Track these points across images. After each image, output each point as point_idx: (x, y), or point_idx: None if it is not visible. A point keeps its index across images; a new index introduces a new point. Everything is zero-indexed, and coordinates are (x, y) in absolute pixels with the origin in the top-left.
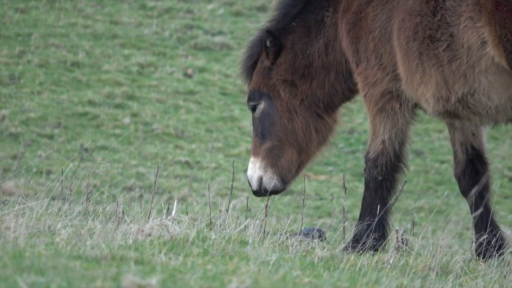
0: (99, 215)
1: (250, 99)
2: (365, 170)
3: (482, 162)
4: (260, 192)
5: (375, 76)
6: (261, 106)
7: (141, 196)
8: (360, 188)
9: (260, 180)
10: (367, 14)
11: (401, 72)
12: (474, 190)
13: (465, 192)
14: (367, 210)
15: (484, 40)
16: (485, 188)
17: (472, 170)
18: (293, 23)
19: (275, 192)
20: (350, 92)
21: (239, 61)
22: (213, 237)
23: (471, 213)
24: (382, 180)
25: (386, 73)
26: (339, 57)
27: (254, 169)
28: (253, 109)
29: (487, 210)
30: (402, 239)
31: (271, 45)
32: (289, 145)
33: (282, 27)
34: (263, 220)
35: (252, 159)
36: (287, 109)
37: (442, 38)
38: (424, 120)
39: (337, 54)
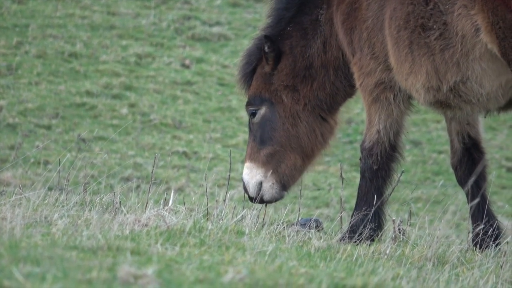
0: (96, 206)
1: (249, 104)
2: (360, 159)
3: (478, 151)
4: (257, 198)
5: (369, 66)
6: (262, 111)
7: (138, 186)
8: (358, 178)
9: (260, 185)
10: (361, 3)
11: (392, 62)
12: (470, 180)
13: (461, 182)
14: (362, 199)
15: (478, 27)
16: (482, 178)
17: (469, 159)
18: (289, 28)
19: (273, 201)
20: (351, 88)
21: (237, 68)
22: (209, 227)
23: (468, 202)
24: (378, 169)
25: (379, 63)
26: (336, 53)
27: (252, 175)
28: (253, 114)
29: (483, 200)
30: (399, 229)
31: (270, 50)
32: (291, 151)
33: (277, 33)
34: (260, 210)
35: (248, 164)
36: (291, 114)
37: (435, 26)
38: (421, 110)
39: (334, 49)
